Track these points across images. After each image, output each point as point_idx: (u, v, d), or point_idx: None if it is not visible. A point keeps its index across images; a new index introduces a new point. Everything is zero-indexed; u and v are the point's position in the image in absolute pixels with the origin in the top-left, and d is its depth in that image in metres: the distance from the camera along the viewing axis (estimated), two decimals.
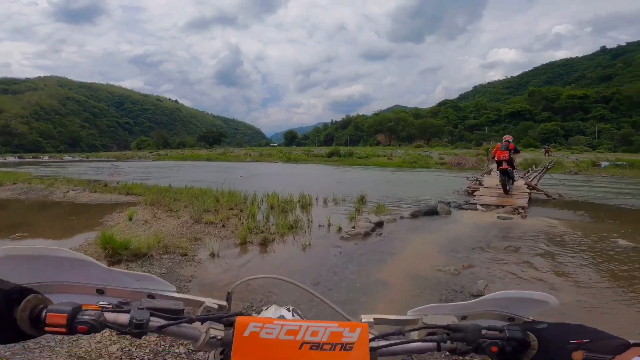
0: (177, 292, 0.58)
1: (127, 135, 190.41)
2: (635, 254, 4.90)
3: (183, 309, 0.51)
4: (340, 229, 6.23)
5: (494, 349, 0.52)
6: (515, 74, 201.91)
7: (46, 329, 0.44)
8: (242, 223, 6.54)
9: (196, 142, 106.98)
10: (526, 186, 10.66)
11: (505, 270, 4.26)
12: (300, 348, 0.49)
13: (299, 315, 0.72)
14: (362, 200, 9.37)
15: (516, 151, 9.65)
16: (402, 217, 7.20)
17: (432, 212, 7.51)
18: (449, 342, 0.54)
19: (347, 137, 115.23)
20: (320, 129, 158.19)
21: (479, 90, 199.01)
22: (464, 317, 0.65)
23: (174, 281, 3.82)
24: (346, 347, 0.50)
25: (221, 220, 6.68)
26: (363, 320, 0.57)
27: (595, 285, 3.82)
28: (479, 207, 8.19)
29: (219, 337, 0.50)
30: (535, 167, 16.95)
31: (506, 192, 9.57)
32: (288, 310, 0.71)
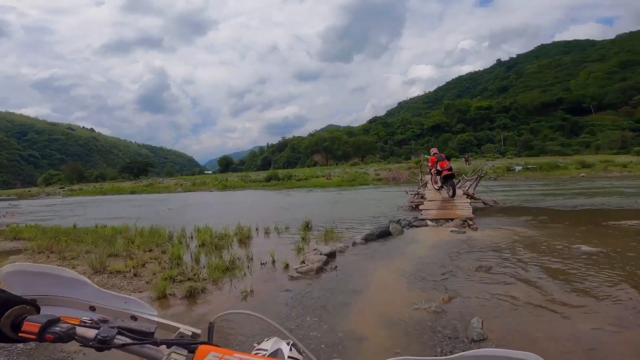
0: (158, 316, 0.61)
1: (32, 170, 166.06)
2: (606, 259, 4.76)
3: (153, 332, 0.52)
4: (287, 266, 5.30)
5: None
6: (432, 89, 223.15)
7: (20, 334, 0.49)
8: (164, 268, 5.27)
9: (118, 174, 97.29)
10: (465, 196, 10.84)
11: (493, 297, 3.69)
12: None
13: (297, 350, 0.70)
14: (307, 226, 8.54)
15: (449, 160, 11.38)
16: (354, 243, 6.50)
17: (385, 234, 6.96)
18: None
19: (285, 160, 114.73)
20: (257, 153, 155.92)
21: (402, 106, 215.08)
22: None
23: None
24: None
25: (134, 267, 5.30)
26: None
27: (591, 303, 3.41)
28: (429, 222, 7.88)
29: None
30: (465, 177, 17.87)
31: (454, 195, 10.58)
32: (288, 344, 0.70)
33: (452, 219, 7.89)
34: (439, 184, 11.58)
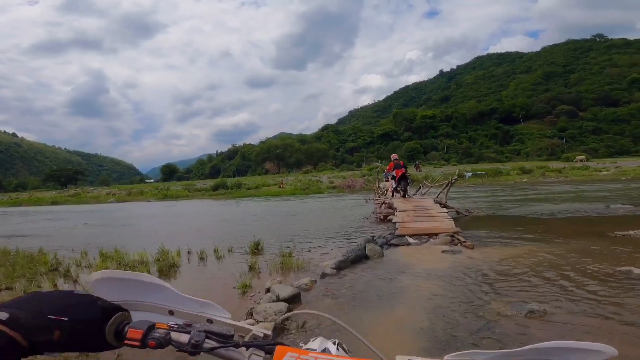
0: (231, 319, 0.64)
1: None
2: None
3: (233, 335, 0.55)
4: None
5: None
6: (381, 98, 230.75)
7: (125, 342, 0.52)
8: None
9: (42, 183, 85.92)
10: (438, 205, 9.67)
11: None
12: None
13: (343, 349, 0.71)
14: (256, 248, 6.64)
15: (405, 168, 12.07)
16: (324, 275, 4.77)
17: (361, 257, 5.32)
18: None
19: (235, 168, 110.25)
20: (205, 160, 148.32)
21: (354, 114, 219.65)
22: None
23: None
24: None
25: None
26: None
27: None
28: (409, 240, 6.40)
29: None
30: (427, 183, 17.05)
31: (404, 196, 11.69)
32: (334, 343, 0.71)
33: (435, 234, 6.51)
34: (394, 186, 12.60)
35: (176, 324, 0.55)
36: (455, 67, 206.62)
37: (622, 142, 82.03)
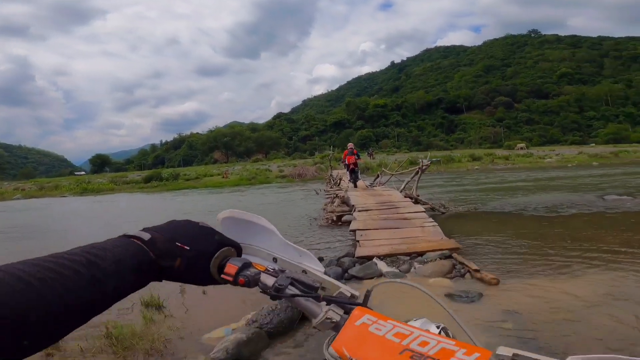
0: (324, 273, 0.61)
1: None
2: None
3: (318, 287, 0.54)
4: None
5: None
6: (334, 88, 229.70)
7: (222, 276, 0.52)
8: None
9: None
10: (410, 200, 7.27)
11: None
12: (400, 353, 0.43)
13: (446, 334, 0.65)
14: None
15: (358, 157, 12.21)
16: None
17: (290, 323, 2.60)
18: None
19: (181, 158, 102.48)
20: (148, 151, 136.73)
21: (307, 103, 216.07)
22: None
23: None
24: None
25: None
26: (498, 353, 0.43)
27: None
28: (382, 267, 3.81)
29: (333, 320, 0.50)
30: (385, 170, 14.80)
31: (355, 185, 11.45)
32: (437, 327, 0.63)
33: (420, 254, 4.01)
34: (347, 176, 12.71)
35: (273, 269, 0.55)
36: (405, 59, 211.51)
37: (553, 132, 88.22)
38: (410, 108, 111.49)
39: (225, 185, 27.92)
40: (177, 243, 0.49)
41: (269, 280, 0.53)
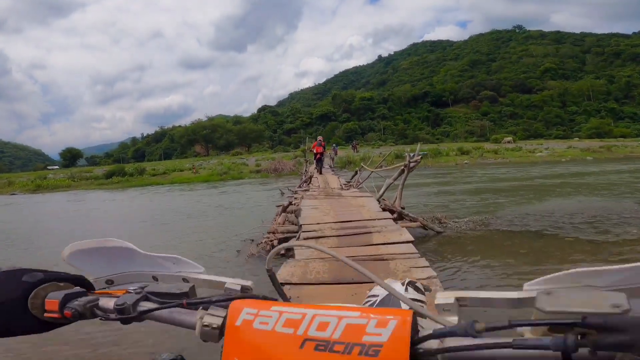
0: (206, 273, 0.53)
1: None
2: None
3: (186, 292, 0.44)
4: None
5: None
6: (321, 81, 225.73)
7: (44, 315, 0.42)
8: None
9: None
10: (389, 214, 4.67)
11: None
12: (301, 347, 0.34)
13: (415, 290, 0.59)
14: None
15: (325, 149, 14.13)
16: None
17: None
18: (587, 348, 0.28)
19: (162, 152, 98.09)
20: (129, 144, 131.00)
21: (294, 96, 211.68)
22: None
23: None
24: (369, 350, 0.32)
25: None
26: (439, 301, 0.37)
27: None
28: None
29: (213, 326, 0.39)
30: (365, 166, 12.24)
31: (320, 172, 13.41)
32: (402, 284, 0.60)
33: None
34: (314, 165, 14.10)
35: (136, 289, 0.45)
36: (392, 53, 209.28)
37: (537, 126, 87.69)
38: (397, 101, 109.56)
39: (194, 181, 25.05)
40: None
41: (110, 303, 0.42)
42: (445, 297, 0.37)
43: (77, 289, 0.43)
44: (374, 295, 0.56)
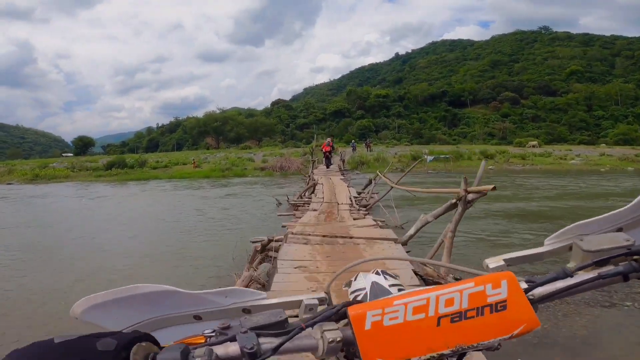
0: (269, 298, 0.51)
1: None
2: None
3: (286, 318, 0.42)
4: None
5: None
6: (337, 77, 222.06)
7: None
8: None
9: None
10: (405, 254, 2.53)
11: None
12: (438, 325, 0.37)
13: (391, 276, 0.62)
14: None
15: (333, 148, 18.23)
16: None
17: None
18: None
19: (175, 142, 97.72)
20: (144, 134, 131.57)
21: (308, 91, 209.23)
22: (618, 230, 0.49)
23: None
24: (497, 307, 0.37)
25: None
26: (491, 267, 0.43)
27: None
28: None
29: (338, 340, 0.39)
30: (382, 175, 9.92)
31: (328, 166, 16.53)
32: (377, 274, 0.62)
33: None
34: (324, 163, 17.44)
35: (212, 331, 0.41)
36: (410, 51, 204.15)
37: (560, 130, 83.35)
38: (413, 100, 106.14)
39: (194, 176, 23.31)
40: None
41: (231, 349, 0.38)
42: (495, 261, 0.44)
43: (153, 346, 0.37)
44: (359, 289, 0.58)
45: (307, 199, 8.22)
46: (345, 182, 11.24)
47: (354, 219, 5.63)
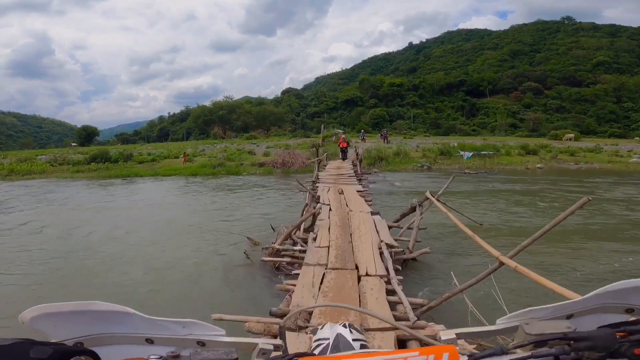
0: (227, 335, 0.50)
1: None
2: None
3: (237, 358, 0.42)
4: None
5: (638, 350, 0.41)
6: (349, 67, 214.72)
7: None
8: None
9: None
10: None
11: None
12: None
13: (357, 331, 0.62)
14: None
15: (348, 144, 18.18)
16: None
17: None
18: (572, 353, 0.41)
19: (185, 131, 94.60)
20: (156, 123, 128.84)
21: (320, 81, 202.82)
22: (568, 317, 0.52)
23: None
24: None
25: None
26: (443, 339, 0.44)
27: None
28: None
29: None
30: (434, 198, 5.61)
31: (344, 159, 17.08)
32: (344, 326, 0.62)
33: None
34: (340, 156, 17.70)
35: (160, 357, 0.40)
36: (424, 41, 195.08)
37: (588, 122, 76.70)
38: (429, 89, 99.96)
39: (182, 173, 19.37)
40: None
41: None
42: (447, 334, 0.46)
43: None
44: (322, 339, 0.58)
45: (301, 246, 4.11)
46: (368, 204, 6.93)
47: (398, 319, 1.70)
